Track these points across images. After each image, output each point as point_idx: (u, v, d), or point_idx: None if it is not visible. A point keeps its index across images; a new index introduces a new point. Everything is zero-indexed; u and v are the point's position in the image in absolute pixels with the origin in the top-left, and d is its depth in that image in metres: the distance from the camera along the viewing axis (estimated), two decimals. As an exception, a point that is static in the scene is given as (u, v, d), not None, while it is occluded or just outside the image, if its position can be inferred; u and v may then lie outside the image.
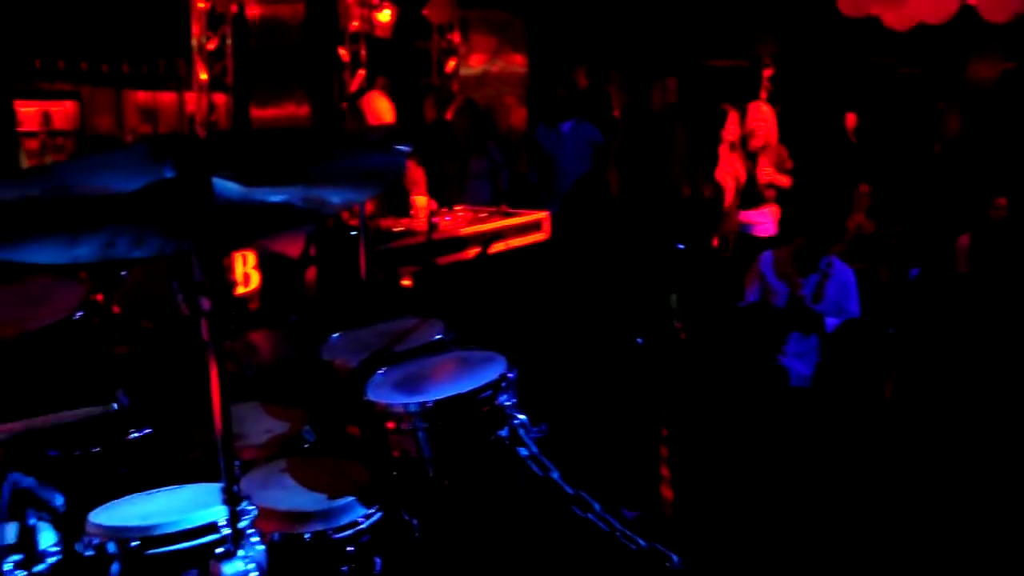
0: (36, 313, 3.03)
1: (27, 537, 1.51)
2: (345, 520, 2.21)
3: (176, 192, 1.33)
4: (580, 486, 2.24)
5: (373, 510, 2.25)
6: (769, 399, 4.14)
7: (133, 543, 1.75)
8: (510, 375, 2.47)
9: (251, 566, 1.67)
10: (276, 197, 1.46)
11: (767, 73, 8.47)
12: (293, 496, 2.26)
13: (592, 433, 3.59)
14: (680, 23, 7.93)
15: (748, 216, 5.97)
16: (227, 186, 1.40)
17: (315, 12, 4.60)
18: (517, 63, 8.04)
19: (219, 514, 1.80)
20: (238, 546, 1.65)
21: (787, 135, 6.19)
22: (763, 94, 8.21)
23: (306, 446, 2.61)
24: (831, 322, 4.10)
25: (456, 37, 8.31)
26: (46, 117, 6.80)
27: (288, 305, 3.71)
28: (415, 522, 2.47)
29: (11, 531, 1.56)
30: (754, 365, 4.22)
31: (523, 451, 2.20)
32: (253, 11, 4.76)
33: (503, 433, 2.25)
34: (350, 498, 2.23)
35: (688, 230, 5.56)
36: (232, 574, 1.63)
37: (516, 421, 2.26)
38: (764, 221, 5.96)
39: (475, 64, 8.13)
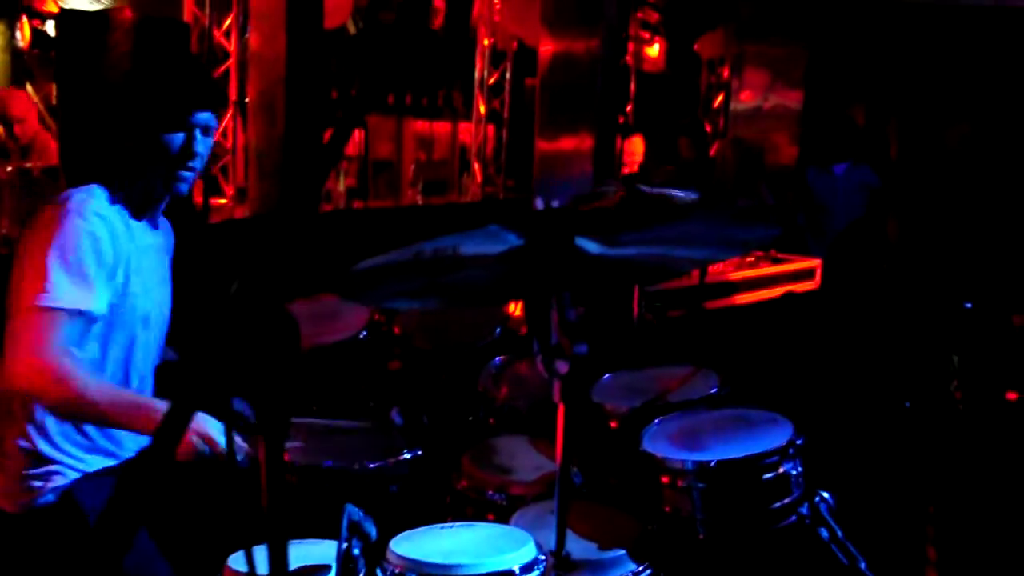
0: (327, 329, 3.24)
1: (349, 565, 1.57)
2: (615, 574, 2.14)
3: (535, 255, 1.39)
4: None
5: (643, 567, 2.16)
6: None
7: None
8: (798, 441, 2.30)
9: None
10: (632, 252, 1.49)
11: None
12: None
13: (858, 505, 3.30)
14: (972, 61, 7.28)
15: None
16: (588, 245, 1.44)
17: (609, 48, 4.67)
18: (791, 100, 7.72)
19: (514, 561, 1.80)
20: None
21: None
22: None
23: (573, 488, 2.57)
24: None
25: (726, 72, 8.13)
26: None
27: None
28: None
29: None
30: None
31: (824, 532, 2.03)
32: (547, 48, 4.91)
33: (803, 510, 2.08)
34: (621, 551, 2.16)
35: (981, 289, 5.04)
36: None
37: (818, 498, 2.09)
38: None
39: (746, 100, 7.91)
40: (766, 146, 7.15)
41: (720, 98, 8.14)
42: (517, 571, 1.79)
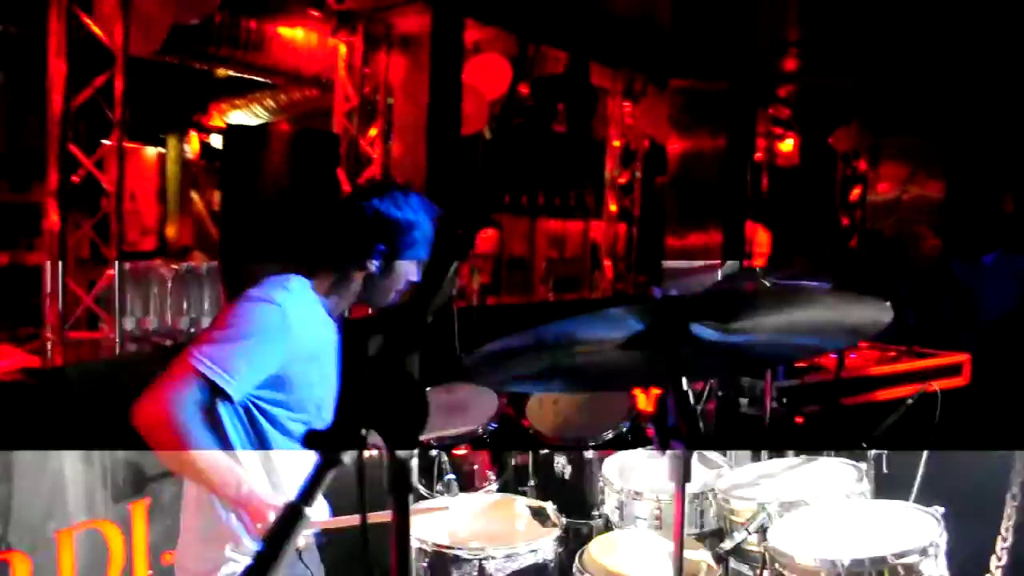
0: (457, 419, 3.33)
1: None
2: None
3: (653, 340, 1.45)
4: None
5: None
6: None
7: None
8: (940, 539, 2.20)
9: None
10: (745, 340, 1.52)
11: None
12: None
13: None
14: None
15: None
16: (705, 331, 1.49)
17: (735, 144, 4.75)
18: (932, 190, 7.51)
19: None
20: None
21: None
22: None
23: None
24: None
25: (862, 164, 8.02)
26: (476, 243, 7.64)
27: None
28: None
29: None
30: None
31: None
32: (675, 146, 5.03)
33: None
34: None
35: None
36: None
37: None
38: None
39: (884, 191, 7.75)
40: (907, 237, 6.94)
41: (857, 190, 8.01)
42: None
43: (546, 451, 3.38)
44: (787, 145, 8.04)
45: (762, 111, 7.47)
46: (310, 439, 0.99)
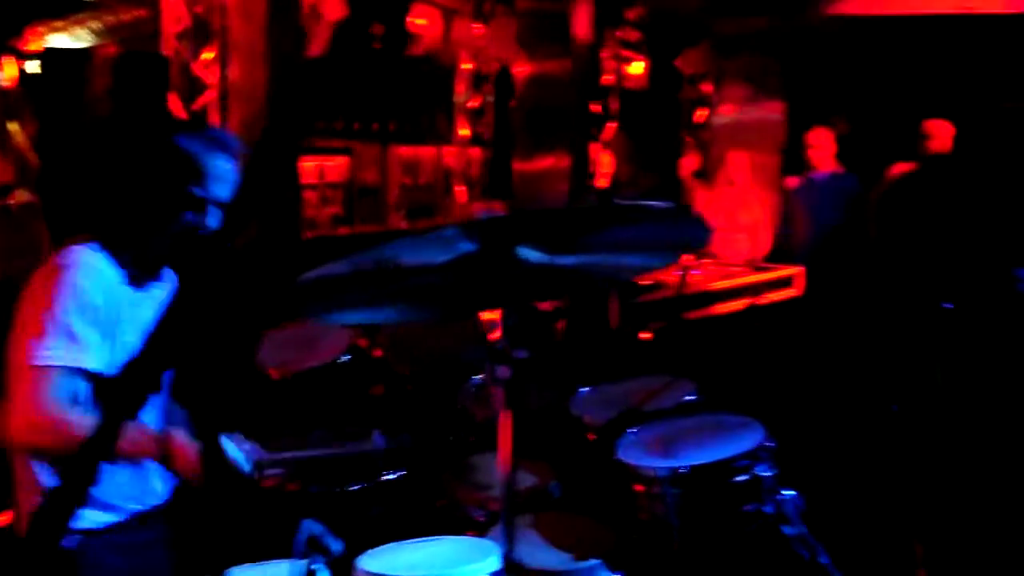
0: (305, 356, 3.27)
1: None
2: (591, 584, 2.16)
3: (482, 262, 1.41)
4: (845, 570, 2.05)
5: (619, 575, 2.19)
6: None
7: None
8: (769, 444, 2.33)
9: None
10: (573, 262, 1.51)
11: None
12: (540, 553, 2.25)
13: (843, 508, 3.31)
14: (958, 62, 7.35)
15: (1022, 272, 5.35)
16: (530, 254, 1.47)
17: (581, 68, 4.73)
18: (772, 111, 7.79)
19: (481, 571, 1.82)
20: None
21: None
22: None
23: (551, 501, 2.59)
24: None
25: (708, 87, 8.20)
26: (321, 172, 7.40)
27: (539, 357, 3.74)
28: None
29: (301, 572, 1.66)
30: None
31: (789, 530, 2.05)
32: (522, 69, 4.97)
33: (767, 509, 2.11)
34: (596, 561, 2.19)
35: (960, 288, 5.07)
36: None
37: (782, 496, 2.11)
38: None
39: (727, 113, 7.98)
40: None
41: (704, 113, 8.21)
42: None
43: (403, 380, 3.38)
44: (637, 68, 8.11)
45: (610, 33, 7.49)
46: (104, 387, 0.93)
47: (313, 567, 1.61)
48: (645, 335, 4.06)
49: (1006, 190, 5.46)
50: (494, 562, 1.86)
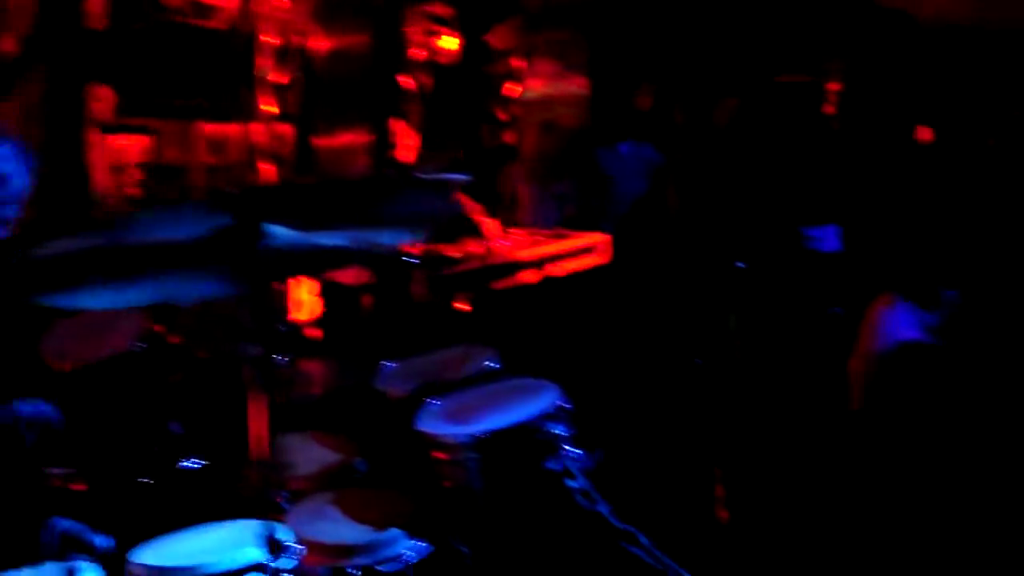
0: (96, 345, 3.10)
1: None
2: (391, 553, 2.18)
3: (231, 239, 1.36)
4: (632, 519, 2.16)
5: (420, 542, 2.22)
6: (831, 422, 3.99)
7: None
8: (564, 404, 2.42)
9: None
10: (329, 240, 1.48)
11: (833, 88, 8.24)
12: (339, 529, 2.25)
13: (648, 460, 3.50)
14: (746, 40, 7.80)
15: (811, 231, 5.80)
16: (281, 232, 1.43)
17: (381, 42, 4.66)
18: (577, 85, 8.00)
19: (254, 555, 1.79)
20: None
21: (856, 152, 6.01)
22: (829, 110, 7.98)
23: (357, 477, 2.59)
24: None
25: (518, 62, 8.31)
26: (119, 151, 6.99)
27: (344, 333, 3.72)
28: (467, 552, 2.43)
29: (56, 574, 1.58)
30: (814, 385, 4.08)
31: (573, 483, 2.15)
32: (320, 43, 4.84)
33: (554, 465, 2.20)
34: (396, 530, 2.21)
35: (750, 249, 5.44)
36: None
37: (567, 452, 2.21)
38: (828, 237, 5.78)
39: (535, 87, 8.13)
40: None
41: (514, 87, 8.32)
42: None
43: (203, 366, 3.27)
44: (448, 43, 8.10)
45: (418, 8, 7.45)
46: None
47: (74, 566, 1.53)
48: (463, 307, 4.10)
49: (788, 159, 5.89)
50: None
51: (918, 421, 3.92)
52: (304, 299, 3.89)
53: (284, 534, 1.91)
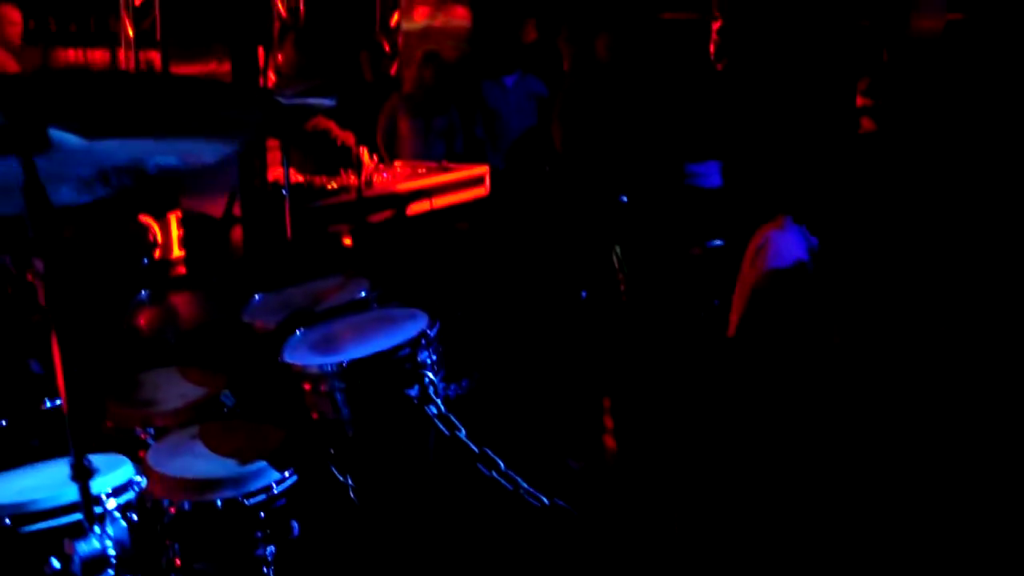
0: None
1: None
2: (257, 486, 2.14)
3: (7, 143, 1.23)
4: (500, 443, 2.18)
5: (287, 474, 2.18)
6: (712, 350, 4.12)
7: (6, 521, 1.68)
8: (430, 331, 2.40)
9: (108, 543, 1.60)
10: (120, 153, 1.34)
11: (716, 26, 8.34)
12: (203, 463, 2.19)
13: (530, 387, 3.55)
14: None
15: (693, 167, 5.91)
16: (66, 138, 1.29)
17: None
18: (459, 16, 7.86)
19: (100, 487, 1.72)
20: (93, 523, 1.57)
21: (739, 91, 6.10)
22: (712, 48, 8.08)
23: (224, 411, 2.53)
24: None
25: (400, -8, 8.09)
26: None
27: (212, 267, 3.60)
28: (350, 482, 2.43)
29: None
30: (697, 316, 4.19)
31: (432, 409, 2.14)
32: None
33: (412, 392, 2.18)
34: (262, 463, 2.16)
35: (632, 183, 5.50)
36: (87, 552, 1.55)
37: (426, 379, 2.19)
38: (709, 173, 5.91)
39: (418, 18, 7.94)
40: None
41: (396, 17, 8.12)
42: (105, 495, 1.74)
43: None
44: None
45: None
46: None
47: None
48: (345, 240, 4.02)
49: (672, 95, 5.95)
50: (124, 473, 1.79)
51: (783, 348, 4.09)
52: (169, 232, 3.74)
53: (99, 463, 1.85)
